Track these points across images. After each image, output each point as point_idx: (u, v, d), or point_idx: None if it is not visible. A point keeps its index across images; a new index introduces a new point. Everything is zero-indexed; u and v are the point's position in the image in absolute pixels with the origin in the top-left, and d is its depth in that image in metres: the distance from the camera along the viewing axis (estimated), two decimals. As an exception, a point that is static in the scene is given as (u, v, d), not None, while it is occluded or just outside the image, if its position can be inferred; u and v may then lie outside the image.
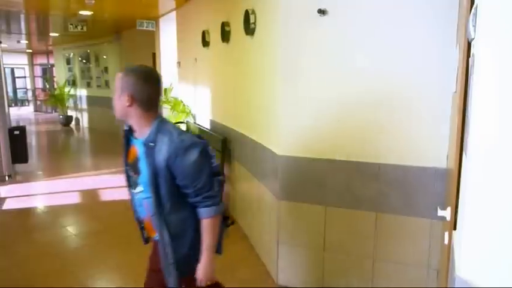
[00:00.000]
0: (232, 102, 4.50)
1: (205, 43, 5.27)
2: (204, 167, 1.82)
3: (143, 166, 1.81)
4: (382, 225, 2.84)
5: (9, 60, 16.57)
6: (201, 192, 1.81)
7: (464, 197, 1.25)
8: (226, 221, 2.07)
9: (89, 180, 6.69)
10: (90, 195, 5.94)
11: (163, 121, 1.84)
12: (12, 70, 19.69)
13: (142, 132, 1.82)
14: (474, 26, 1.21)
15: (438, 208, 1.88)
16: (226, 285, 2.19)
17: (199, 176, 1.79)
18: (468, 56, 1.44)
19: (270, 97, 3.29)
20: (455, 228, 1.50)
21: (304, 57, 2.91)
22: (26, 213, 5.19)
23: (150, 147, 1.76)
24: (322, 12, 2.76)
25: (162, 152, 1.74)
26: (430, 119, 2.61)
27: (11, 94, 19.20)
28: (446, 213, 1.75)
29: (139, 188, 1.89)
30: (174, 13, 7.10)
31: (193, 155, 1.77)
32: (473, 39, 1.23)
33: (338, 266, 3.04)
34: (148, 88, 1.78)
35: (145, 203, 1.88)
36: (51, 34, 11.48)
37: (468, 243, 1.20)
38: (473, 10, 1.24)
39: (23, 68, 20.09)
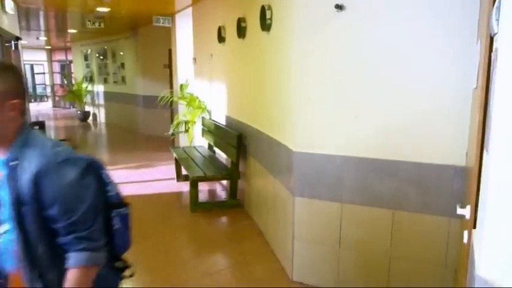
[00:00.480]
0: (248, 98, 4.51)
1: (221, 39, 5.28)
2: (85, 193, 1.33)
3: (6, 194, 1.30)
4: (399, 223, 2.81)
5: (29, 56, 16.87)
6: (75, 229, 1.30)
7: (485, 195, 1.22)
8: (124, 270, 1.58)
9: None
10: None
11: (32, 131, 1.36)
12: (32, 66, 20.07)
13: (4, 149, 1.32)
14: (497, 20, 1.18)
15: (457, 206, 1.85)
16: (241, 281, 2.18)
17: (75, 207, 1.29)
18: (490, 50, 1.41)
19: (285, 93, 3.27)
20: (475, 227, 1.47)
21: (321, 53, 2.89)
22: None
23: (12, 167, 1.28)
24: (339, 7, 2.73)
25: (30, 169, 1.26)
26: (449, 115, 2.57)
27: (30, 90, 19.61)
28: (466, 212, 1.72)
29: (4, 227, 1.35)
30: (190, 9, 7.13)
31: (70, 174, 1.29)
32: (496, 33, 1.20)
33: (354, 263, 3.02)
34: (23, 85, 1.35)
35: (14, 247, 1.32)
36: (69, 31, 11.64)
37: (489, 242, 1.18)
38: (496, 4, 1.21)
39: (42, 65, 20.46)
